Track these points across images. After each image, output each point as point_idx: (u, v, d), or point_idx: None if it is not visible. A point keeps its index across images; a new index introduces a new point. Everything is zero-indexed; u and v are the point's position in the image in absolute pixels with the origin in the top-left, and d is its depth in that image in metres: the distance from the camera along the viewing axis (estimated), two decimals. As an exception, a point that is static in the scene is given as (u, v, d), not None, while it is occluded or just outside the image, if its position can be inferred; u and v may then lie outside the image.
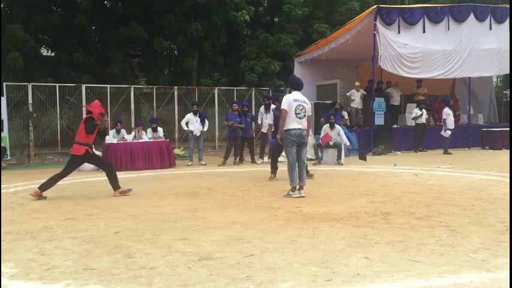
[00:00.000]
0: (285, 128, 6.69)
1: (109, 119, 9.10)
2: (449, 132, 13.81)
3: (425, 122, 14.63)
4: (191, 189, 7.58)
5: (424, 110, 14.52)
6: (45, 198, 6.82)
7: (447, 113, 13.96)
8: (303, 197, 6.52)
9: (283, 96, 7.49)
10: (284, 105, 6.70)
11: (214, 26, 18.28)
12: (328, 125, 11.47)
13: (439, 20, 14.50)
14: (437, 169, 9.78)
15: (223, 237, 4.37)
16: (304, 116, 6.71)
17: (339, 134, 11.38)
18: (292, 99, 6.69)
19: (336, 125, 11.50)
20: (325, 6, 19.44)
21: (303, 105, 6.69)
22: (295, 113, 6.63)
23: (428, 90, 16.40)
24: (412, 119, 14.56)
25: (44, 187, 6.88)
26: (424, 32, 14.27)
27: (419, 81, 15.85)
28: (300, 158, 6.78)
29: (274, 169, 8.61)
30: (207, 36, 18.55)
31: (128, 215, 5.53)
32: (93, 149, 7.32)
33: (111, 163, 7.95)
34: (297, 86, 6.94)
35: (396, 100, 16.18)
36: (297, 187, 6.64)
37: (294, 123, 6.64)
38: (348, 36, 14.51)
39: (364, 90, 15.13)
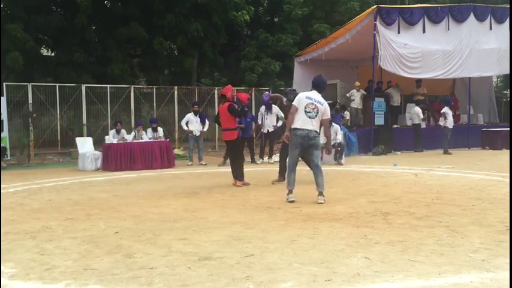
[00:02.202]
0: (293, 126, 6.26)
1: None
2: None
3: (420, 122, 14.61)
4: (191, 189, 7.58)
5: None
6: (248, 184, 7.61)
7: (447, 113, 13.93)
8: (322, 203, 5.99)
9: (292, 93, 7.51)
10: (295, 101, 6.30)
11: (214, 26, 18.26)
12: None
13: (439, 20, 14.48)
14: (437, 169, 9.77)
15: (223, 237, 4.37)
16: (316, 116, 6.16)
17: (336, 133, 11.36)
18: (305, 96, 6.25)
19: (334, 124, 11.47)
20: (325, 6, 19.42)
21: (315, 105, 6.16)
22: (305, 111, 6.13)
23: (428, 90, 16.39)
24: (422, 120, 14.52)
25: (239, 177, 7.58)
26: (424, 32, 14.25)
27: (418, 81, 15.84)
28: (311, 162, 6.29)
29: (282, 171, 7.87)
30: (207, 36, 18.53)
31: (128, 215, 5.53)
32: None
33: (243, 157, 8.24)
34: (317, 85, 6.37)
35: (396, 100, 16.17)
36: (293, 190, 6.25)
37: (301, 122, 6.14)
38: (348, 36, 14.49)
39: (364, 90, 15.12)
